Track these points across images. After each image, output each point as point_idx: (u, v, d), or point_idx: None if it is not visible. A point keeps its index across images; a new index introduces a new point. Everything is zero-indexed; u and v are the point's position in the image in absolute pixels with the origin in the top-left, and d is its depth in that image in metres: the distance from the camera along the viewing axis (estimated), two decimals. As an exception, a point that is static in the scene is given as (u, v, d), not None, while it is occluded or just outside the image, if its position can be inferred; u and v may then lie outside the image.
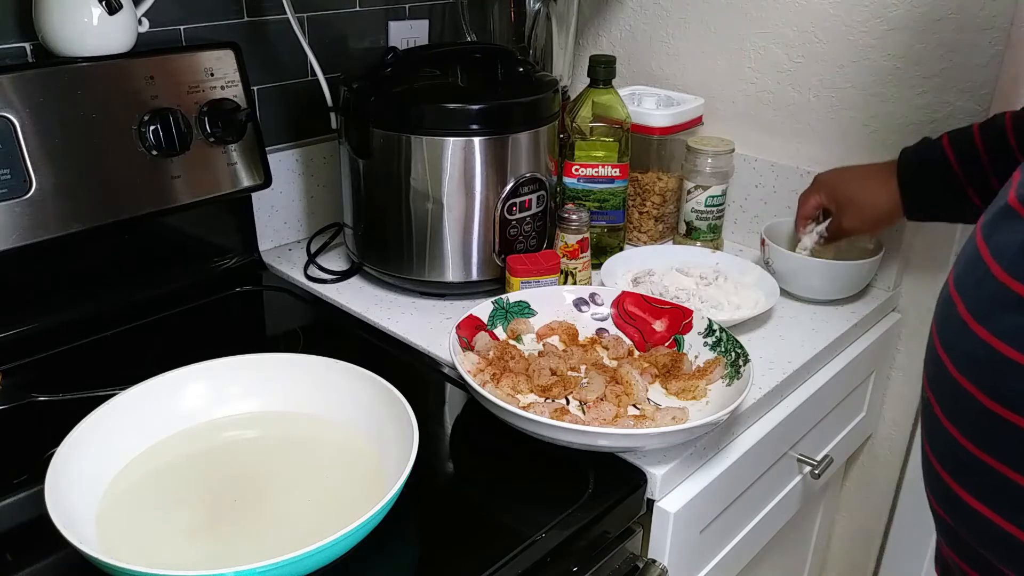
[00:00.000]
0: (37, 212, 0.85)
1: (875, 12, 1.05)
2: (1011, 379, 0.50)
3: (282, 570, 0.55)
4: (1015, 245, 0.52)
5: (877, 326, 1.10)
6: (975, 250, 0.56)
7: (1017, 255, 0.51)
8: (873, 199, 0.96)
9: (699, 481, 0.80)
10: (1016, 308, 0.50)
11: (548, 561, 0.66)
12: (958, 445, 0.55)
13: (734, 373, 0.83)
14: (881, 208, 0.96)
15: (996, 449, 0.52)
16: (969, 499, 0.55)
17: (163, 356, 0.81)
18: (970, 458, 0.54)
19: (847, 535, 1.31)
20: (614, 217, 1.12)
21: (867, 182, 0.97)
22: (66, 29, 0.86)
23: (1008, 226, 0.53)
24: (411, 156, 0.97)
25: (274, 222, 1.16)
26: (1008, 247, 0.52)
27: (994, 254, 0.54)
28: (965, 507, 0.55)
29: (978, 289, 0.54)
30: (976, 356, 0.53)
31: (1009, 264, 0.52)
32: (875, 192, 0.95)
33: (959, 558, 0.59)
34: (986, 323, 0.52)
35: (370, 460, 0.72)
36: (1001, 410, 0.51)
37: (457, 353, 0.83)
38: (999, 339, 0.51)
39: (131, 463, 0.71)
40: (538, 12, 1.21)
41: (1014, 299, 0.51)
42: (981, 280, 0.54)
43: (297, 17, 1.01)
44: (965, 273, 0.57)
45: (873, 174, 0.97)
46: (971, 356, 0.54)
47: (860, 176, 0.98)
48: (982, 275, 0.54)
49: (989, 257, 0.54)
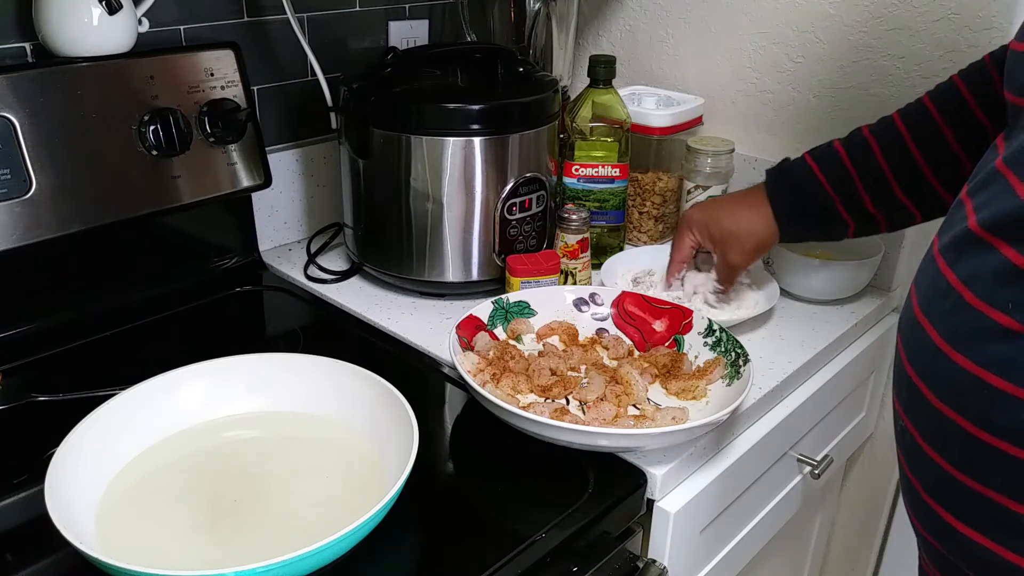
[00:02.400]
0: (37, 212, 0.85)
1: (875, 12, 1.05)
2: (1003, 409, 0.50)
3: (282, 570, 0.55)
4: (989, 273, 0.51)
5: (877, 326, 1.10)
6: (939, 275, 0.56)
7: (992, 284, 0.51)
8: (751, 228, 0.92)
9: (699, 481, 0.81)
10: (1000, 338, 0.50)
11: (548, 561, 0.66)
12: (945, 474, 0.55)
13: (734, 373, 0.83)
14: (761, 236, 0.92)
15: (989, 478, 0.52)
16: (964, 529, 0.54)
17: (163, 356, 0.81)
18: (961, 487, 0.54)
19: (847, 535, 1.31)
20: (614, 217, 1.12)
21: (741, 213, 0.93)
22: (66, 29, 0.86)
23: (975, 252, 0.53)
24: (411, 156, 0.97)
25: (274, 222, 1.16)
26: (981, 275, 0.52)
27: (965, 281, 0.53)
28: (960, 537, 0.55)
29: (953, 317, 0.54)
30: (961, 386, 0.52)
31: (985, 293, 0.51)
32: (751, 221, 0.92)
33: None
34: (968, 353, 0.52)
35: (370, 460, 0.72)
36: (992, 439, 0.51)
37: (457, 353, 0.83)
38: (986, 369, 0.51)
39: (131, 463, 0.71)
40: (538, 12, 1.21)
41: (996, 329, 0.50)
42: (955, 308, 0.53)
43: (297, 17, 1.01)
44: (933, 299, 0.56)
45: (744, 203, 0.93)
46: (955, 386, 0.53)
47: (731, 208, 0.94)
48: (955, 303, 0.53)
49: (960, 284, 0.53)
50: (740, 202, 0.94)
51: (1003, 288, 0.51)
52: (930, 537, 0.59)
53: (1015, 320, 0.49)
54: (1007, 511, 0.51)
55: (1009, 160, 0.54)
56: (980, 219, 0.53)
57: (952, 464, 0.54)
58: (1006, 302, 0.50)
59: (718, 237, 0.94)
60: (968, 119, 0.80)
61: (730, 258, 0.94)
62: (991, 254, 0.52)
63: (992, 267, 0.51)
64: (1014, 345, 0.49)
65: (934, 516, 0.57)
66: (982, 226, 0.53)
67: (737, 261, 0.94)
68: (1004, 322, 0.50)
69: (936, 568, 0.60)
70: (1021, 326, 0.49)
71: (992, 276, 0.51)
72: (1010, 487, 0.51)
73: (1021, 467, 0.50)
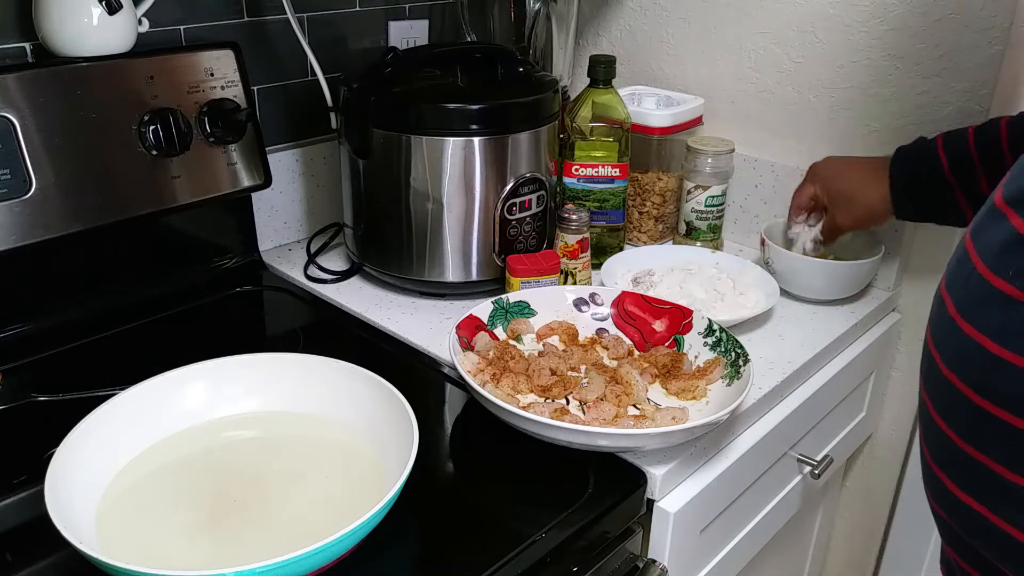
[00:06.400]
0: (37, 212, 0.85)
1: (875, 12, 1.05)
2: (998, 376, 0.51)
3: (282, 570, 0.55)
4: (997, 243, 0.52)
5: (877, 326, 1.10)
6: (964, 250, 0.57)
7: (999, 252, 0.52)
8: (866, 198, 0.95)
9: (699, 481, 0.81)
10: (1000, 305, 0.51)
11: (548, 561, 0.66)
12: (951, 442, 0.55)
13: (734, 373, 0.83)
14: (873, 208, 0.95)
15: (985, 445, 0.53)
16: (962, 496, 0.55)
17: (163, 356, 0.81)
18: (962, 454, 0.54)
19: (847, 535, 1.31)
20: (614, 217, 1.12)
21: (862, 179, 0.95)
22: (66, 29, 0.86)
23: (993, 224, 0.54)
24: (411, 156, 0.97)
25: (274, 222, 1.16)
26: (991, 245, 0.53)
27: (979, 252, 0.54)
28: (959, 504, 0.56)
29: (965, 287, 0.55)
30: (965, 353, 0.53)
31: (992, 261, 0.52)
32: (869, 190, 0.94)
33: (960, 557, 0.60)
34: (973, 320, 0.53)
35: (370, 460, 0.72)
36: (989, 406, 0.51)
37: (457, 353, 0.83)
38: (986, 336, 0.51)
39: (131, 463, 0.71)
40: (538, 12, 1.21)
41: (997, 296, 0.51)
42: (968, 278, 0.54)
43: (297, 17, 1.01)
44: (955, 272, 0.57)
45: (868, 170, 0.95)
46: (960, 354, 0.54)
47: (856, 171, 0.97)
48: (968, 273, 0.54)
49: (975, 256, 0.54)
50: (866, 168, 0.96)
51: (1008, 256, 0.51)
52: (935, 504, 0.59)
53: (1015, 287, 0.50)
54: (1006, 482, 0.51)
55: None
56: (1004, 192, 0.54)
57: (957, 433, 0.55)
58: (1008, 269, 0.51)
59: (835, 195, 0.97)
60: None
61: (838, 219, 0.98)
62: (1003, 223, 0.52)
63: (1001, 236, 0.52)
64: (1013, 313, 0.50)
65: (940, 486, 0.57)
66: (1004, 198, 0.54)
67: (844, 223, 0.98)
68: (1007, 290, 0.50)
69: (947, 542, 0.61)
70: (1019, 293, 0.50)
71: (1000, 245, 0.52)
72: (1008, 458, 0.51)
73: (1019, 437, 0.50)
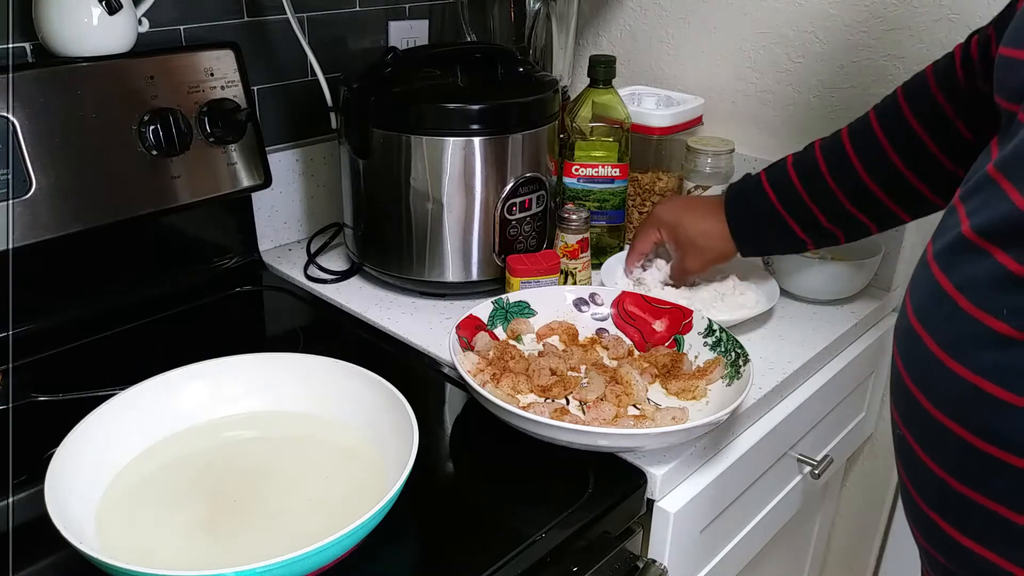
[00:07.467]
0: (37, 212, 0.85)
1: (875, 12, 1.05)
2: (1002, 418, 0.50)
3: (282, 570, 0.55)
4: (984, 280, 0.51)
5: (877, 326, 1.10)
6: (934, 282, 0.55)
7: (988, 290, 0.51)
8: (712, 242, 0.95)
9: (699, 481, 0.81)
10: (996, 345, 0.50)
11: (548, 561, 0.66)
12: (944, 484, 0.54)
13: (734, 373, 0.83)
14: (721, 250, 0.95)
15: (989, 489, 0.51)
16: (964, 540, 0.54)
17: (163, 356, 0.81)
18: (960, 498, 0.53)
19: (847, 535, 1.31)
20: (614, 217, 1.12)
21: (705, 223, 0.95)
22: (66, 29, 0.86)
23: (969, 258, 0.53)
24: (411, 156, 0.97)
25: (274, 222, 1.16)
26: (976, 282, 0.52)
27: (959, 287, 0.53)
28: (961, 548, 0.54)
29: (949, 325, 0.53)
30: (959, 395, 0.52)
31: (980, 300, 0.51)
32: (714, 234, 0.95)
33: None
34: (965, 361, 0.52)
35: (370, 460, 0.72)
36: (992, 449, 0.50)
37: (457, 353, 0.83)
38: (983, 378, 0.50)
39: (131, 463, 0.71)
40: (538, 12, 1.21)
41: (992, 336, 0.50)
42: (950, 315, 0.53)
43: (297, 17, 1.01)
44: (928, 306, 0.56)
45: (709, 213, 0.96)
46: (953, 395, 0.53)
47: (698, 216, 0.97)
48: (950, 309, 0.53)
49: (954, 291, 0.53)
50: (707, 211, 0.96)
51: (998, 294, 0.50)
52: (931, 549, 0.58)
53: (1011, 327, 0.49)
54: (1008, 522, 0.51)
55: (1000, 165, 0.53)
56: (973, 224, 0.53)
57: (951, 475, 0.54)
58: (1001, 308, 0.50)
59: (682, 242, 0.98)
60: (910, 137, 0.81)
61: (687, 264, 0.99)
62: (985, 260, 0.51)
63: (987, 273, 0.51)
64: (1011, 352, 0.49)
65: (934, 527, 0.56)
66: (976, 231, 0.53)
67: (693, 268, 0.99)
68: (1000, 329, 0.50)
69: None
70: (1017, 333, 0.49)
71: (987, 282, 0.51)
72: (1010, 497, 0.50)
73: (1022, 477, 0.49)
